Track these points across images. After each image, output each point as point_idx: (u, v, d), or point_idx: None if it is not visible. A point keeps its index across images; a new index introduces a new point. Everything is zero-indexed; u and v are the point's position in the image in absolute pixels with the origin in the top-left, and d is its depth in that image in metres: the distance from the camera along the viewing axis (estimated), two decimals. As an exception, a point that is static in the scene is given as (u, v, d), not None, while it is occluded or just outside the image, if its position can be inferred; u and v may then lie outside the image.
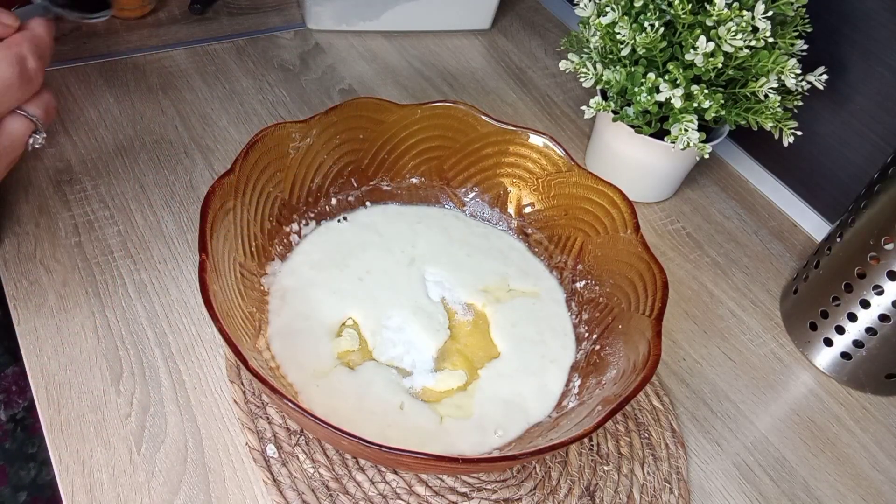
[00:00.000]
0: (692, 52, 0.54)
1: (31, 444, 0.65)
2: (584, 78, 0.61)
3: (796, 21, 0.57)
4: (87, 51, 0.71)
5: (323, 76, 0.74)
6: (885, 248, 0.51)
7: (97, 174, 0.59)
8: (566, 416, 0.44)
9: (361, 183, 0.56)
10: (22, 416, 0.64)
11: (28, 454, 0.65)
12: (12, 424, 0.63)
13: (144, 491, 0.42)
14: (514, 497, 0.45)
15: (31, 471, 0.65)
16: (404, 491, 0.44)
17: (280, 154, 0.50)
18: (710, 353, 0.57)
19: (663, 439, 0.50)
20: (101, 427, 0.44)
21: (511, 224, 0.57)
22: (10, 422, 0.63)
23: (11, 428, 0.63)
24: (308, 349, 0.47)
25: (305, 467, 0.44)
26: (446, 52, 0.82)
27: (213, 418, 0.46)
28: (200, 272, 0.39)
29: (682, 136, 0.57)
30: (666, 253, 0.65)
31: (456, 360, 0.49)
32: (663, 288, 0.45)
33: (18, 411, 0.64)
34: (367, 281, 0.52)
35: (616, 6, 0.57)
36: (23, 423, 0.64)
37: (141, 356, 0.48)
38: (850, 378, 0.57)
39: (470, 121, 0.55)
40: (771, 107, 0.56)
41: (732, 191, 0.73)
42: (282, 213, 0.51)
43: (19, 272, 0.51)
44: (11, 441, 0.63)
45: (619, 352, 0.46)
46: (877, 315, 0.52)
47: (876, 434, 0.54)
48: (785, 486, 0.50)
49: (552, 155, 0.54)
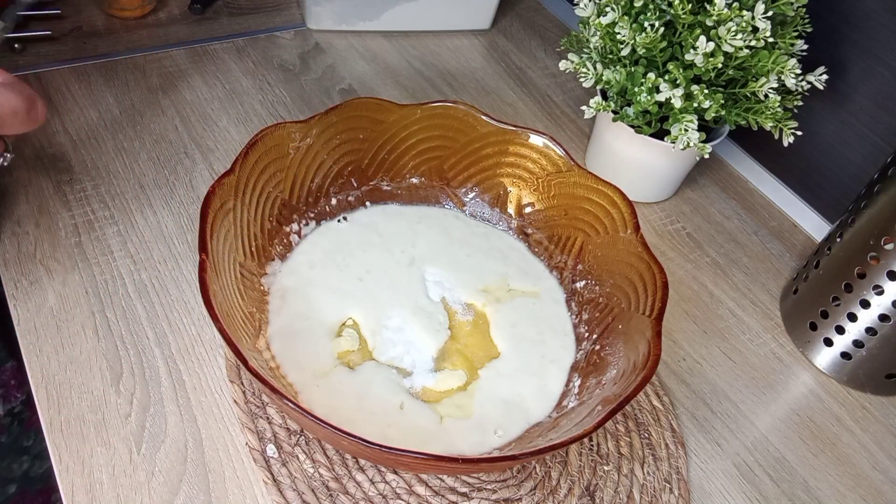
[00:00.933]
0: (692, 52, 0.54)
1: (27, 438, 0.65)
2: (584, 78, 0.61)
3: (796, 21, 0.57)
4: (87, 51, 0.71)
5: (323, 76, 0.74)
6: (885, 248, 0.51)
7: (97, 174, 0.59)
8: (566, 416, 0.45)
9: (361, 183, 0.56)
10: (19, 411, 0.64)
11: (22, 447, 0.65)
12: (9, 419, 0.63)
13: (144, 491, 0.42)
14: (514, 497, 0.45)
15: (24, 464, 0.65)
16: (404, 491, 0.44)
17: (280, 154, 0.50)
18: (710, 353, 0.57)
19: (663, 439, 0.50)
20: (101, 427, 0.44)
21: (511, 224, 0.57)
22: (7, 416, 0.63)
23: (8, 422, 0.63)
24: (308, 349, 0.47)
25: (305, 467, 0.44)
26: (446, 52, 0.82)
27: (213, 418, 0.46)
28: (200, 272, 0.39)
29: (682, 136, 0.57)
30: (666, 253, 0.65)
31: (456, 360, 0.49)
32: (663, 288, 0.45)
33: (16, 405, 0.64)
34: (367, 281, 0.52)
35: (616, 6, 0.57)
36: (20, 416, 0.64)
37: (141, 356, 0.48)
38: (850, 378, 0.57)
39: (470, 121, 0.55)
40: (771, 107, 0.56)
41: (732, 191, 0.73)
42: (282, 213, 0.51)
43: (19, 272, 0.51)
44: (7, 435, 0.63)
45: (619, 352, 0.46)
46: (877, 315, 0.52)
47: (876, 434, 0.54)
48: (785, 486, 0.50)
49: (552, 155, 0.54)
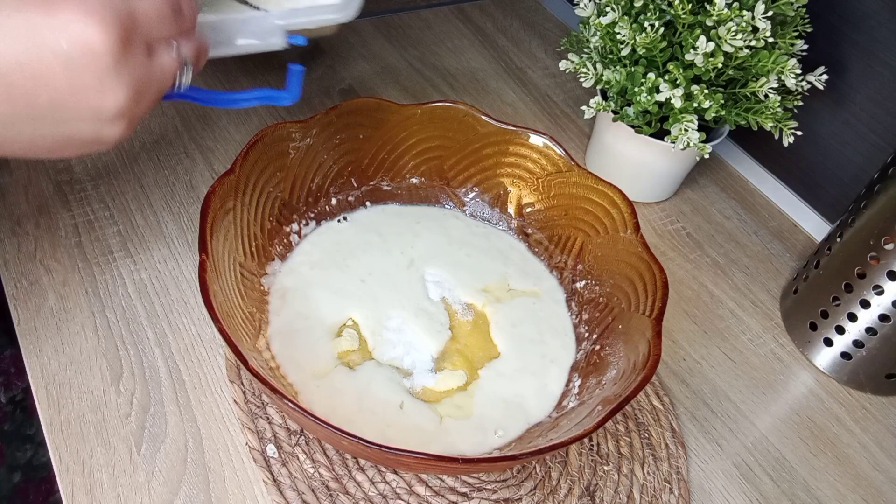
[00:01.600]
0: (692, 52, 0.54)
1: (30, 426, 0.65)
2: (584, 78, 0.61)
3: (796, 21, 0.57)
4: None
5: (323, 76, 0.74)
6: (885, 248, 0.51)
7: (97, 174, 0.59)
8: (566, 416, 0.45)
9: (361, 183, 0.56)
10: (21, 398, 0.64)
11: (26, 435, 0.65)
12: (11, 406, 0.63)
13: (144, 491, 0.42)
14: (514, 497, 0.45)
15: (28, 452, 0.65)
16: (404, 491, 0.44)
17: (280, 154, 0.50)
18: (710, 353, 0.57)
19: (663, 439, 0.50)
20: (101, 427, 0.44)
21: (511, 224, 0.57)
22: (9, 404, 0.63)
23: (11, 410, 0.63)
24: (308, 349, 0.47)
25: (305, 467, 0.44)
26: (446, 52, 0.82)
27: (213, 418, 0.46)
28: (200, 272, 0.39)
29: (682, 136, 0.57)
30: (666, 253, 0.65)
31: (456, 360, 0.49)
32: (663, 288, 0.45)
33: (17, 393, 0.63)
34: (368, 281, 0.52)
35: (616, 6, 0.57)
36: (21, 404, 0.64)
37: (141, 356, 0.48)
38: (850, 378, 0.57)
39: (470, 121, 0.55)
40: (771, 107, 0.56)
41: (732, 191, 0.73)
42: (282, 213, 0.51)
43: (19, 272, 0.51)
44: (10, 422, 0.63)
45: (619, 352, 0.46)
46: (877, 315, 0.52)
47: (876, 434, 0.54)
48: (785, 486, 0.50)
49: (552, 155, 0.54)
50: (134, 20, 0.32)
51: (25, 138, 0.32)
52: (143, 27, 0.33)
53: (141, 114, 0.35)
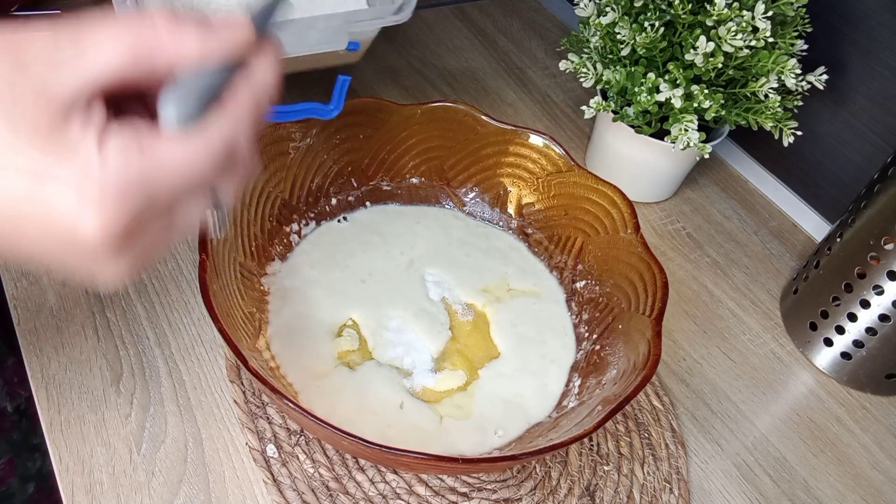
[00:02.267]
0: (692, 52, 0.54)
1: (35, 435, 0.65)
2: (584, 78, 0.61)
3: (796, 21, 0.57)
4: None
5: (323, 76, 0.74)
6: (885, 248, 0.51)
7: (97, 174, 0.59)
8: (566, 416, 0.45)
9: (361, 183, 0.56)
10: (25, 407, 0.64)
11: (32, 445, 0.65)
12: (17, 416, 0.63)
13: (144, 491, 0.42)
14: (514, 497, 0.45)
15: (37, 461, 0.65)
16: (404, 491, 0.44)
17: (280, 154, 0.50)
18: (710, 353, 0.57)
19: (663, 439, 0.50)
20: (101, 427, 0.44)
21: (511, 224, 0.57)
22: (15, 413, 0.63)
23: (17, 419, 0.63)
24: (308, 349, 0.47)
25: (305, 467, 0.44)
26: (446, 52, 0.82)
27: (213, 418, 0.46)
28: (200, 272, 0.39)
29: (682, 136, 0.57)
30: (666, 253, 0.64)
31: (456, 360, 0.49)
32: (663, 288, 0.45)
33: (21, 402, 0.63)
34: (368, 281, 0.52)
35: (616, 6, 0.57)
36: (26, 413, 0.64)
37: (141, 356, 0.48)
38: (850, 378, 0.57)
39: (470, 121, 0.55)
40: (771, 107, 0.56)
41: (732, 191, 0.72)
42: (282, 213, 0.51)
43: (19, 272, 0.51)
44: (18, 432, 0.63)
45: (619, 352, 0.46)
46: (877, 315, 0.52)
47: (876, 434, 0.54)
48: (785, 486, 0.50)
49: (552, 155, 0.54)
50: (151, 202, 0.24)
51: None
52: (165, 202, 0.25)
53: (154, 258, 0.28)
